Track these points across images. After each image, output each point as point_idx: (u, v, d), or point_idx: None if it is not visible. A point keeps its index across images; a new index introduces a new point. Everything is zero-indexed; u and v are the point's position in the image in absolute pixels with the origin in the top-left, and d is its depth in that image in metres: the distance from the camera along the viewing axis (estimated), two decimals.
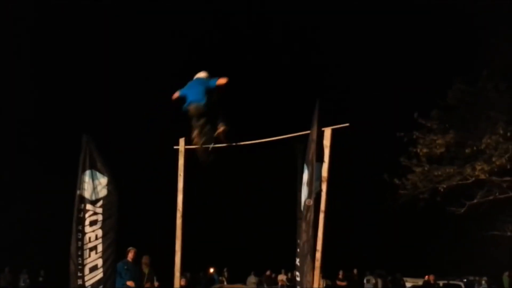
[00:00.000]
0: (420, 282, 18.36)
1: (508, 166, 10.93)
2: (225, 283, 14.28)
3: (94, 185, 6.62)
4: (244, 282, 16.24)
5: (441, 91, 12.32)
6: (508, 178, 11.39)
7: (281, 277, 17.31)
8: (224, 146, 7.40)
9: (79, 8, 22.16)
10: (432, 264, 18.10)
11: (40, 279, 16.20)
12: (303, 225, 4.51)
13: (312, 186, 4.50)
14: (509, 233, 11.82)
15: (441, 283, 17.29)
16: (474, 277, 17.79)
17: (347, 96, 21.12)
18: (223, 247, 20.86)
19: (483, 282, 16.62)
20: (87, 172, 6.65)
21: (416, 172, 12.24)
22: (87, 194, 6.54)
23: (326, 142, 5.90)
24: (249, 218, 23.01)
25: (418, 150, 12.01)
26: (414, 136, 12.04)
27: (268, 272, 17.59)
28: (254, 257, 19.62)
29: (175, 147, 7.38)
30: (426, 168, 12.08)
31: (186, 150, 7.29)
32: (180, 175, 7.20)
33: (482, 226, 12.29)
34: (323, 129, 5.79)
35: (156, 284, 7.97)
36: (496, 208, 11.96)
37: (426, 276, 15.91)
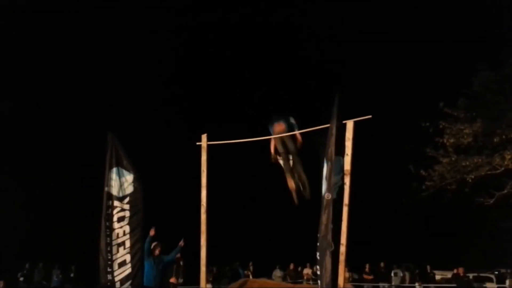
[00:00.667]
0: (449, 274, 18.04)
1: None
2: (250, 277, 14.39)
3: (121, 182, 6.80)
4: (269, 276, 16.30)
5: (466, 80, 12.02)
6: None
7: (306, 271, 17.28)
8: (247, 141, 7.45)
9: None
10: (461, 257, 17.70)
11: (72, 274, 16.67)
12: (323, 219, 4.50)
13: (331, 180, 4.48)
14: None
15: (471, 275, 16.92)
16: (505, 269, 17.32)
17: (370, 87, 20.77)
18: (248, 241, 20.99)
19: None
20: (114, 170, 6.82)
21: (443, 163, 12.00)
22: (114, 191, 6.73)
23: (349, 134, 5.84)
24: (274, 213, 23.08)
25: (445, 140, 11.76)
26: (440, 126, 11.80)
27: (292, 266, 17.62)
28: (279, 252, 19.68)
29: (197, 143, 7.48)
30: (453, 159, 11.83)
31: (209, 146, 7.39)
32: (204, 170, 7.29)
33: None
34: (345, 121, 5.74)
35: (180, 280, 8.10)
36: None
37: (455, 269, 15.63)
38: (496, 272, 17.65)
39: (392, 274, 16.69)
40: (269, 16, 24.03)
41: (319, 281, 4.53)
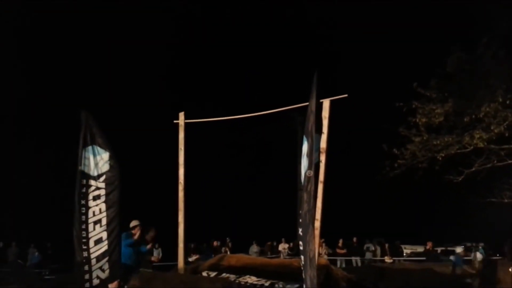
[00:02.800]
0: (419, 249, 18.84)
1: (507, 134, 10.96)
2: (228, 253, 14.64)
3: (96, 161, 6.72)
4: (246, 252, 16.60)
5: (440, 60, 12.21)
6: (506, 146, 11.43)
7: (282, 246, 17.66)
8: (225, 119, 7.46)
9: None
10: (430, 232, 18.47)
11: (49, 252, 16.57)
12: (304, 196, 4.59)
13: (312, 157, 4.55)
14: (506, 200, 11.97)
15: (439, 249, 17.73)
16: (471, 243, 18.17)
17: (345, 66, 20.95)
18: (225, 218, 21.22)
19: (480, 247, 16.98)
20: (89, 148, 6.73)
21: (415, 142, 12.26)
22: (89, 169, 6.65)
23: (325, 113, 5.96)
24: (250, 190, 23.32)
25: (417, 120, 11.97)
26: (413, 106, 11.98)
27: (269, 242, 18.00)
28: (255, 228, 20.02)
29: (175, 121, 7.45)
30: (425, 138, 12.08)
31: (186, 124, 7.37)
32: (181, 149, 7.31)
33: (480, 193, 12.42)
34: (321, 100, 5.82)
35: (156, 258, 8.18)
36: (493, 176, 12.07)
37: (428, 244, 16.36)
38: (463, 246, 18.50)
39: (365, 248, 17.26)
40: None
41: (302, 256, 4.66)
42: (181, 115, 7.43)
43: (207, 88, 23.50)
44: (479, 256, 16.00)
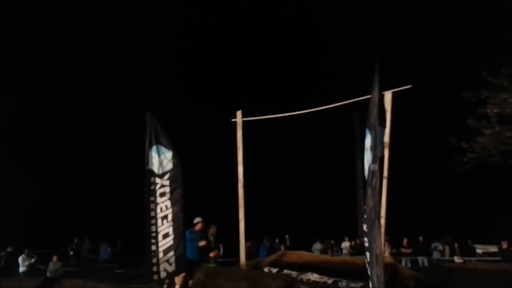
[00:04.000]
0: (491, 249, 17.58)
1: None
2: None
3: (161, 160, 7.02)
4: (308, 249, 16.48)
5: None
6: None
7: (345, 245, 17.35)
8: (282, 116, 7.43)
9: None
10: (505, 230, 17.16)
11: (117, 247, 17.52)
12: (369, 191, 4.42)
13: (376, 151, 4.38)
14: None
15: None
16: None
17: (408, 56, 19.90)
18: (285, 216, 21.20)
19: None
20: (153, 148, 7.05)
21: (485, 134, 11.53)
22: (155, 168, 6.96)
23: (387, 106, 5.71)
24: (309, 188, 23.10)
25: (488, 111, 11.25)
26: (483, 96, 11.27)
27: (330, 240, 17.78)
28: (314, 226, 19.80)
29: (232, 120, 7.54)
30: (497, 129, 11.34)
31: (244, 123, 7.43)
32: (239, 147, 7.37)
33: None
34: (383, 92, 5.60)
35: (216, 253, 8.33)
36: None
37: (503, 243, 15.26)
38: None
39: (432, 248, 16.47)
40: None
41: (367, 253, 4.51)
42: (239, 113, 7.49)
43: (264, 86, 23.58)
44: None
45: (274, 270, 6.90)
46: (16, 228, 16.99)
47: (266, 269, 6.98)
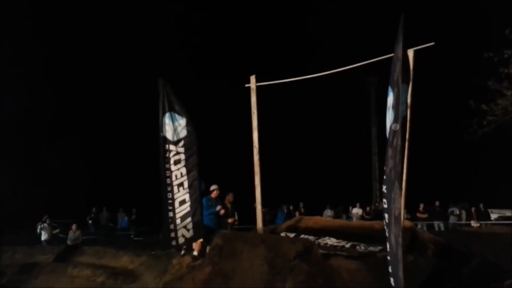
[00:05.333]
0: (507, 213, 17.44)
1: None
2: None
3: (175, 127, 6.93)
4: (320, 215, 16.51)
5: None
6: None
7: (356, 210, 17.28)
8: (296, 80, 7.22)
9: None
10: None
11: (133, 217, 17.83)
12: (390, 151, 4.24)
13: (399, 110, 4.17)
14: None
15: None
16: None
17: (429, 14, 19.08)
18: (300, 183, 21.23)
19: None
20: (167, 115, 6.95)
21: (507, 96, 11.11)
22: (169, 135, 6.89)
23: (410, 64, 5.46)
24: (323, 154, 23.00)
25: (510, 71, 10.78)
26: (506, 56, 10.77)
27: (341, 207, 17.75)
28: (328, 193, 19.80)
29: (246, 85, 7.35)
30: None
31: (258, 87, 7.24)
32: (254, 112, 7.21)
33: None
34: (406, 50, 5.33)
35: (233, 220, 8.38)
36: None
37: None
38: None
39: (449, 212, 16.35)
40: None
41: (385, 214, 4.40)
42: (252, 78, 7.28)
43: (278, 51, 23.14)
44: None
45: (291, 235, 6.90)
46: (38, 199, 17.35)
47: (283, 234, 6.99)
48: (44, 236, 13.32)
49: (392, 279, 4.30)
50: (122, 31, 22.11)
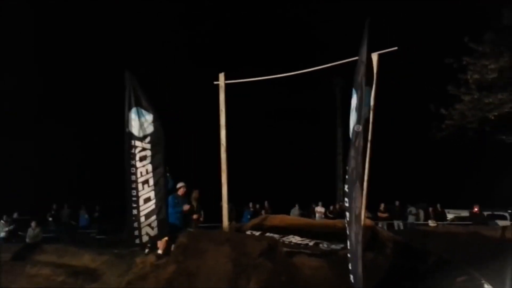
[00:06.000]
0: (462, 213, 18.30)
1: None
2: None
3: (141, 122, 6.81)
4: (286, 214, 16.66)
5: (496, 12, 11.29)
6: None
7: (319, 209, 17.54)
8: (265, 79, 7.28)
9: None
10: (478, 195, 17.81)
11: (96, 214, 17.38)
12: (352, 151, 4.39)
13: (362, 112, 4.32)
14: None
15: (485, 214, 17.15)
16: None
17: (393, 19, 19.65)
18: (266, 181, 21.36)
19: None
20: (133, 110, 6.81)
21: (464, 101, 11.64)
22: (135, 131, 6.76)
23: (374, 68, 5.64)
24: (290, 153, 23.26)
25: (468, 77, 11.30)
26: (464, 62, 11.28)
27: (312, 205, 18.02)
28: (295, 191, 20.03)
29: (215, 82, 7.34)
30: (475, 96, 11.44)
31: (227, 85, 7.25)
32: (222, 110, 7.22)
33: None
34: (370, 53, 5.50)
35: (198, 216, 8.35)
36: None
37: (475, 208, 15.88)
38: (510, 211, 17.80)
39: (407, 212, 16.94)
40: None
41: (347, 213, 4.53)
42: (221, 76, 7.29)
43: (248, 49, 23.11)
44: None
45: (257, 233, 6.96)
46: None
47: (248, 233, 7.04)
48: (0, 234, 12.79)
49: (351, 276, 4.43)
50: (91, 21, 21.46)
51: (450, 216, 18.72)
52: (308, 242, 6.55)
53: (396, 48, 5.69)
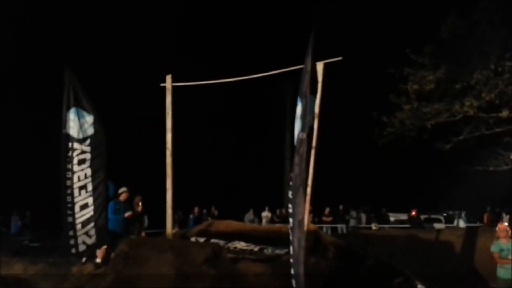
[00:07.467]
0: (402, 217, 19.27)
1: (497, 102, 10.97)
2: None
3: (81, 124, 6.47)
4: (233, 218, 16.57)
5: (435, 26, 11.97)
6: (494, 114, 11.44)
7: (265, 214, 17.67)
8: (213, 83, 7.19)
9: None
10: (416, 200, 18.81)
11: (27, 220, 16.37)
12: (296, 159, 4.46)
13: (306, 119, 4.40)
14: (492, 168, 12.11)
15: (423, 217, 18.18)
16: (454, 211, 18.60)
17: (339, 30, 20.35)
18: (213, 186, 21.18)
19: (463, 215, 17.41)
20: (72, 110, 6.46)
21: (404, 110, 12.20)
22: (73, 132, 6.40)
23: (319, 77, 5.75)
24: (238, 158, 23.25)
25: (408, 87, 11.86)
26: (405, 73, 11.83)
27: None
28: (245, 196, 20.04)
29: (161, 84, 7.14)
30: (415, 106, 12.01)
31: (174, 88, 7.07)
32: (168, 113, 7.03)
33: (467, 162, 12.55)
34: (315, 63, 5.60)
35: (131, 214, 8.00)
36: (481, 144, 12.15)
37: (412, 211, 16.75)
38: (445, 214, 18.97)
39: (350, 215, 17.49)
40: None
41: (290, 219, 4.57)
42: (168, 78, 7.11)
43: (196, 51, 22.83)
44: (462, 223, 16.46)
45: (202, 240, 6.83)
46: None
47: (193, 239, 6.89)
48: None
49: (293, 281, 4.46)
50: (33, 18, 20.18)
51: (391, 219, 19.64)
52: (253, 248, 6.53)
53: (340, 58, 5.81)
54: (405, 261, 7.01)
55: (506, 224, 7.06)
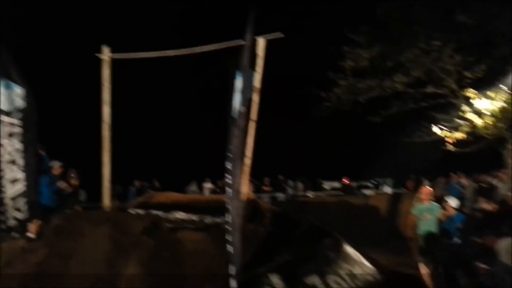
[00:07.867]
0: (336, 184, 20.54)
1: (424, 78, 11.86)
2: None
3: (10, 96, 6.14)
4: (176, 191, 16.54)
5: (373, 6, 12.44)
6: (421, 90, 12.39)
7: (207, 185, 17.87)
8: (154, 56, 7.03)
9: None
10: (349, 169, 20.02)
11: None
12: (236, 131, 4.65)
13: (246, 93, 4.57)
14: (417, 140, 13.16)
15: (354, 184, 19.52)
16: (382, 178, 20.08)
17: (281, 6, 20.43)
18: (155, 159, 20.93)
19: (389, 182, 18.95)
20: (1, 82, 6.10)
21: (341, 85, 12.79)
22: (2, 105, 6.08)
23: (260, 52, 5.92)
24: (180, 130, 23.06)
25: (345, 64, 12.40)
26: (343, 52, 12.34)
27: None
28: (186, 168, 20.01)
29: (97, 55, 6.89)
30: (350, 82, 12.65)
31: (112, 59, 6.87)
32: (105, 85, 6.86)
33: (395, 133, 13.51)
34: (256, 37, 5.75)
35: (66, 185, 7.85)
36: (408, 118, 13.12)
37: (344, 180, 17.80)
38: (374, 182, 20.43)
39: (287, 185, 18.24)
40: None
41: (229, 189, 4.79)
42: (106, 49, 6.88)
43: (135, 22, 21.85)
44: (388, 189, 17.81)
45: (141, 212, 6.87)
46: None
47: (132, 211, 6.91)
48: None
49: (230, 247, 4.74)
50: None
51: (326, 187, 20.84)
52: (193, 217, 6.68)
53: (281, 34, 5.95)
54: (336, 225, 7.51)
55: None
